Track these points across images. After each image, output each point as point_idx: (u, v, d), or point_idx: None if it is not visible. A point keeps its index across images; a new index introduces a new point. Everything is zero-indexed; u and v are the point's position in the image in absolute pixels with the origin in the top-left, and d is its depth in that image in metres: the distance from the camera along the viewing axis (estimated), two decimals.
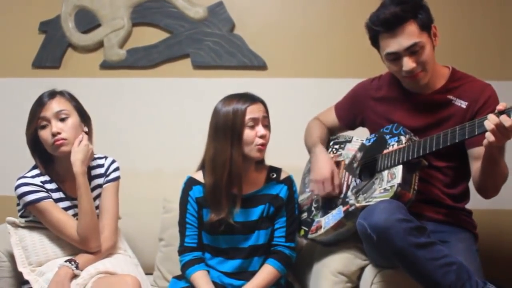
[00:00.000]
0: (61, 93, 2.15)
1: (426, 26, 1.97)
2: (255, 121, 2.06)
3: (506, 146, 1.85)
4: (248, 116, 2.04)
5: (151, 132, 3.02)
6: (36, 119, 2.07)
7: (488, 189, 1.99)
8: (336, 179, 2.14)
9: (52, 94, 2.13)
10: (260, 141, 2.06)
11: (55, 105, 2.10)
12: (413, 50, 1.96)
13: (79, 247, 2.08)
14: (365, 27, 2.05)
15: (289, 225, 2.17)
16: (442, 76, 2.09)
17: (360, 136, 2.28)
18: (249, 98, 2.08)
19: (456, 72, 2.11)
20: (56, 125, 2.06)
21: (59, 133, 2.06)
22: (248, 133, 2.05)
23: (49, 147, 2.07)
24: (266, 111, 2.12)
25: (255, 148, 2.06)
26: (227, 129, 2.05)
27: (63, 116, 2.10)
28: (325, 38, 2.94)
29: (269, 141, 2.13)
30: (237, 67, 2.95)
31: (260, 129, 2.06)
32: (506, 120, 1.66)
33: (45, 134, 2.07)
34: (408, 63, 1.97)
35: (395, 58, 2.00)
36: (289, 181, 2.20)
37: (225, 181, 2.07)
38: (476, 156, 1.98)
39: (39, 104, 2.10)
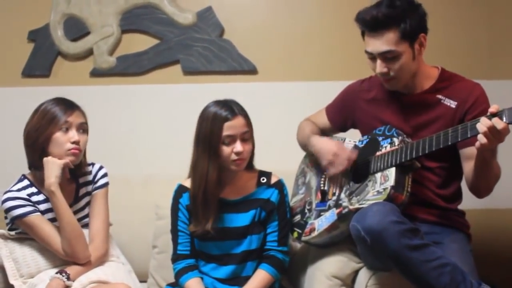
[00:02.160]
0: (81, 109, 2.15)
1: (410, 35, 1.96)
2: (232, 138, 2.04)
3: (498, 147, 1.85)
4: (224, 133, 2.02)
5: (142, 139, 3.01)
6: (61, 122, 2.04)
7: (481, 189, 2.00)
8: (345, 150, 2.13)
9: (77, 105, 2.13)
10: (236, 157, 2.05)
11: (81, 116, 2.11)
12: (386, 56, 1.97)
13: (68, 260, 2.06)
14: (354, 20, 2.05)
15: (281, 229, 2.17)
16: (431, 76, 2.10)
17: (353, 137, 2.27)
18: (230, 112, 2.04)
19: (445, 72, 2.11)
20: (76, 135, 2.06)
21: (78, 143, 2.06)
22: (224, 149, 2.04)
23: (62, 151, 2.04)
24: (248, 123, 2.09)
25: (232, 163, 2.06)
26: (205, 142, 2.05)
27: (83, 129, 2.11)
28: (314, 42, 2.95)
29: (257, 147, 2.13)
30: (227, 72, 2.95)
31: (237, 146, 2.04)
32: (498, 123, 1.66)
33: (63, 138, 2.04)
34: (379, 67, 1.99)
35: (371, 57, 2.02)
36: (279, 185, 2.19)
37: (201, 196, 2.08)
38: (468, 156, 1.98)
39: (68, 107, 2.09)
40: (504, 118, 1.66)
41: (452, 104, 2.03)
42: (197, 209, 2.10)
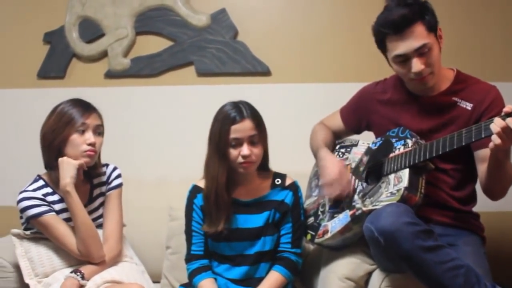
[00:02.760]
0: (97, 111, 2.16)
1: (433, 27, 1.97)
2: (239, 141, 2.04)
3: None
4: (231, 136, 2.03)
5: (156, 140, 3.02)
6: (78, 124, 2.06)
7: (495, 191, 1.99)
8: (345, 178, 2.12)
9: (94, 107, 2.15)
10: (242, 160, 2.05)
11: (97, 118, 2.13)
12: (422, 52, 1.95)
13: (83, 260, 2.08)
14: (372, 29, 2.04)
15: (295, 231, 2.16)
16: (447, 78, 2.09)
17: (366, 139, 2.27)
18: (238, 114, 2.05)
19: (461, 74, 2.10)
20: (93, 137, 2.08)
21: (94, 145, 2.08)
22: (232, 152, 2.05)
23: (78, 152, 2.06)
24: (257, 126, 2.08)
25: (239, 165, 2.07)
26: (216, 143, 2.07)
27: (99, 131, 2.13)
28: (328, 43, 2.94)
29: (270, 148, 2.14)
30: (241, 74, 2.96)
31: (244, 149, 2.04)
32: None
33: (79, 140, 2.06)
34: (417, 65, 1.96)
35: (403, 60, 1.99)
36: (294, 187, 2.20)
37: (213, 196, 2.09)
38: (482, 158, 1.97)
39: (85, 109, 2.10)
40: None
41: (468, 106, 2.02)
42: (211, 209, 2.11)
